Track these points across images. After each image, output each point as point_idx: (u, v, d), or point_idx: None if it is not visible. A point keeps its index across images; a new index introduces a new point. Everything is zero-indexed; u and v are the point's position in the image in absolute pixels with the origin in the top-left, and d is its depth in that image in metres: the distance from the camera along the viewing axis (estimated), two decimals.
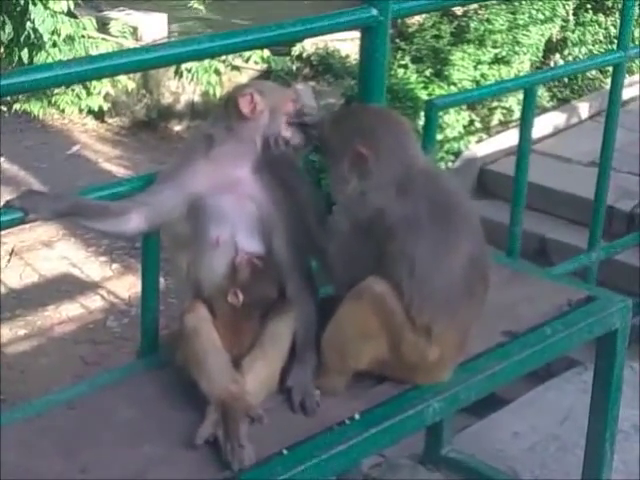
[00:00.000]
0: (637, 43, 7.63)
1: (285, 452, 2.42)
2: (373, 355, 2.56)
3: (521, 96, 4.16)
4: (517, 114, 7.50)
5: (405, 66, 8.24)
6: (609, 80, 4.35)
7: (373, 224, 2.52)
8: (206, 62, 9.71)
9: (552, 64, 8.59)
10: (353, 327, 2.53)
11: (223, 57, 9.89)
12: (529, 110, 3.95)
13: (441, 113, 7.48)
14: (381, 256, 2.51)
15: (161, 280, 2.91)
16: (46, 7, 9.25)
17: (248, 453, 2.38)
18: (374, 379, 2.62)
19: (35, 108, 10.32)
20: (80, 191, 2.74)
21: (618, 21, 4.52)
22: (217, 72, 10.07)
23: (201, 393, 2.49)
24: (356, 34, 3.24)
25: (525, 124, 3.96)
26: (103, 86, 9.98)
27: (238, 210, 2.64)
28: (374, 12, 3.06)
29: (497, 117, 8.11)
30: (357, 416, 2.54)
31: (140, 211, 2.65)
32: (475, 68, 8.19)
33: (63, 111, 10.72)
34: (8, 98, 9.42)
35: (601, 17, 8.70)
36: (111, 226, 2.68)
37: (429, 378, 2.63)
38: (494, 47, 8.29)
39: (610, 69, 4.35)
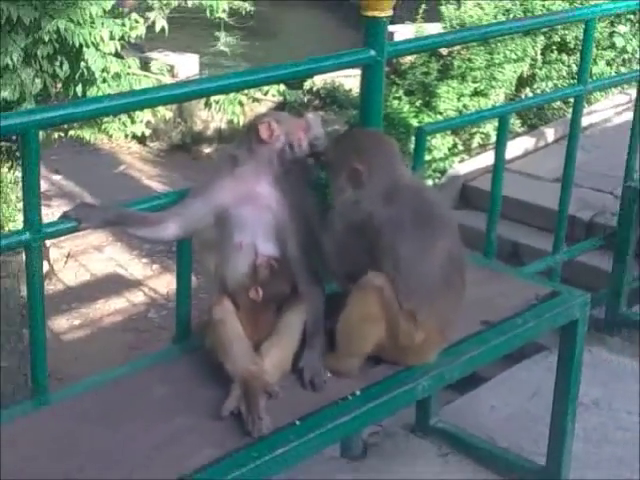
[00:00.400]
0: (594, 78, 7.63)
1: (297, 422, 2.41)
2: (376, 339, 2.55)
3: (497, 123, 4.15)
4: (493, 138, 7.49)
5: (399, 98, 8.25)
6: (571, 109, 4.33)
7: (364, 226, 2.53)
8: (231, 95, 9.72)
9: (523, 96, 8.59)
10: (361, 313, 2.52)
11: (245, 91, 9.89)
12: (503, 135, 3.95)
13: (429, 137, 7.49)
14: (371, 253, 2.52)
15: (193, 278, 2.91)
16: (97, 49, 9.24)
17: (266, 423, 2.38)
18: (372, 361, 2.61)
19: (87, 134, 10.30)
20: (125, 203, 2.74)
21: (578, 60, 4.50)
22: (240, 103, 10.08)
23: (226, 373, 2.49)
24: (358, 71, 3.23)
25: (499, 147, 3.95)
26: (145, 115, 9.96)
27: (257, 219, 2.63)
28: (372, 53, 3.06)
29: (476, 141, 8.11)
30: (358, 392, 2.54)
31: (175, 220, 2.65)
32: (458, 100, 8.20)
33: (111, 136, 10.71)
34: (65, 126, 9.42)
35: (564, 56, 8.70)
36: (150, 233, 2.68)
37: (418, 359, 2.62)
38: (474, 82, 8.30)
39: (572, 100, 4.34)
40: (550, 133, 8.26)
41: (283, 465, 2.38)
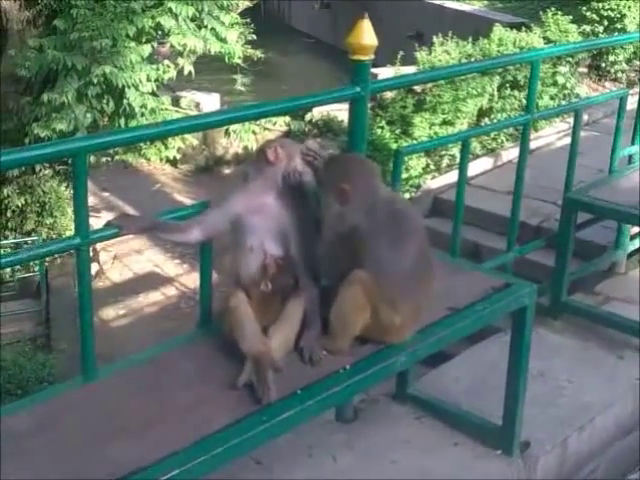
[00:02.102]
0: (539, 109, 7.63)
1: (299, 392, 2.41)
2: (362, 323, 2.54)
3: (460, 146, 4.14)
4: (459, 159, 7.50)
5: (382, 127, 8.26)
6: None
7: (349, 234, 2.52)
8: (246, 125, 9.73)
9: (482, 125, 8.60)
10: (351, 303, 2.51)
11: (257, 122, 9.92)
12: (465, 156, 3.95)
13: (406, 159, 7.49)
14: (356, 255, 2.52)
15: (214, 275, 2.90)
16: (137, 89, 9.27)
17: (273, 393, 2.37)
18: (360, 341, 2.60)
19: (130, 158, 10.33)
20: (158, 214, 2.73)
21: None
22: (254, 132, 10.09)
23: (240, 352, 2.48)
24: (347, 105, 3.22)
25: (462, 165, 3.95)
26: (176, 142, 9.99)
27: (265, 226, 2.61)
28: (357, 89, 3.04)
29: (445, 161, 8.12)
30: (348, 367, 2.53)
31: (198, 227, 2.65)
32: (430, 128, 8.21)
33: (149, 160, 10.74)
34: (111, 151, 9.44)
35: (516, 92, 8.70)
36: (178, 237, 2.67)
37: (396, 338, 2.61)
38: (443, 113, 8.31)
39: (521, 127, 4.33)
40: (505, 155, 8.27)
41: (288, 427, 2.38)
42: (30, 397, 2.65)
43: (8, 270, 9.05)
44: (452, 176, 7.49)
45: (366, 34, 2.97)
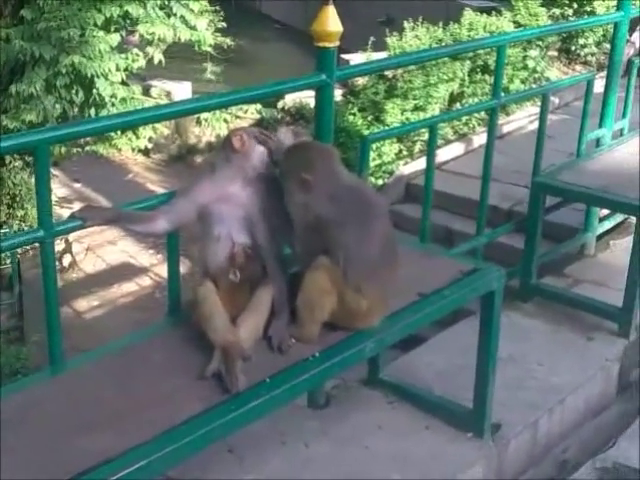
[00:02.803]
0: (509, 93, 7.66)
1: (267, 380, 2.41)
2: (329, 308, 2.55)
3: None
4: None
5: (354, 114, 8.24)
6: None
7: (315, 223, 2.53)
8: (217, 113, 9.68)
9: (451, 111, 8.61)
10: (315, 288, 2.52)
11: (228, 109, 9.88)
12: (433, 141, 3.98)
13: (379, 144, 7.51)
14: (323, 242, 2.52)
15: (184, 263, 2.89)
16: (106, 79, 9.18)
17: (242, 381, 2.37)
18: (328, 328, 2.61)
19: (100, 148, 10.23)
20: (124, 204, 2.72)
21: None
22: (225, 120, 10.02)
23: (209, 341, 2.48)
24: None
25: (430, 150, 3.97)
26: (147, 132, 9.91)
27: (232, 215, 2.61)
28: (323, 77, 3.05)
29: (417, 147, 8.12)
30: (317, 354, 2.53)
31: (165, 217, 2.63)
32: (402, 114, 8.20)
33: (120, 150, 10.65)
34: (81, 141, 9.36)
35: (487, 77, 8.71)
36: (144, 228, 2.66)
37: (365, 324, 2.62)
38: (414, 99, 8.30)
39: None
40: (477, 140, 8.27)
41: (257, 415, 2.38)
42: None
43: None
44: (424, 162, 7.49)
45: (331, 20, 2.97)
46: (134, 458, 2.12)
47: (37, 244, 2.49)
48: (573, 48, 10.35)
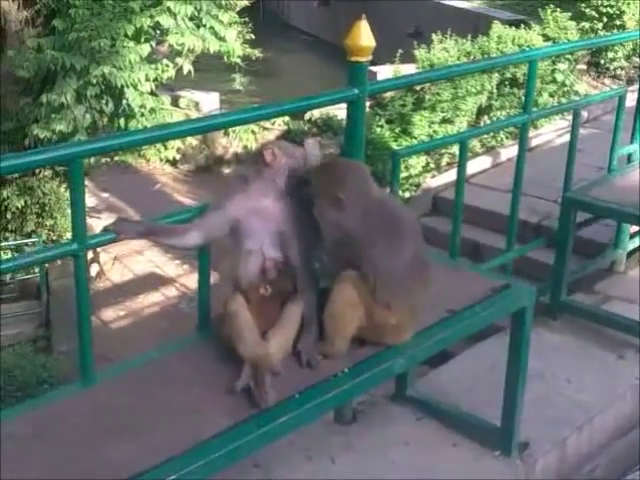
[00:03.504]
0: (538, 107, 7.63)
1: (297, 395, 2.41)
2: (356, 321, 2.54)
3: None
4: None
5: (381, 126, 8.25)
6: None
7: (346, 239, 2.53)
8: (245, 125, 9.73)
9: (482, 123, 8.59)
10: (342, 300, 2.51)
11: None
12: (463, 156, 3.94)
13: (406, 158, 7.50)
14: (354, 258, 2.52)
15: (213, 276, 2.89)
16: (136, 89, 9.27)
17: (271, 396, 2.37)
18: (357, 344, 2.60)
19: (129, 159, 10.33)
20: (156, 217, 2.72)
21: None
22: (253, 132, 10.09)
23: (238, 356, 2.48)
24: None
25: (461, 165, 3.95)
26: (175, 142, 9.98)
27: (264, 229, 2.60)
28: (355, 91, 3.04)
29: (445, 160, 8.12)
30: (346, 370, 2.52)
31: (197, 230, 2.63)
32: (429, 126, 8.20)
33: (149, 160, 10.75)
34: (112, 152, 9.45)
35: (515, 90, 8.70)
36: (176, 241, 2.67)
37: (395, 339, 2.61)
38: (442, 112, 8.30)
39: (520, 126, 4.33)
40: (504, 153, 8.25)
41: (286, 430, 2.38)
42: (29, 402, 2.66)
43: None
44: (452, 174, 7.48)
45: (364, 35, 2.97)
46: (162, 473, 2.12)
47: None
48: (602, 62, 10.31)
